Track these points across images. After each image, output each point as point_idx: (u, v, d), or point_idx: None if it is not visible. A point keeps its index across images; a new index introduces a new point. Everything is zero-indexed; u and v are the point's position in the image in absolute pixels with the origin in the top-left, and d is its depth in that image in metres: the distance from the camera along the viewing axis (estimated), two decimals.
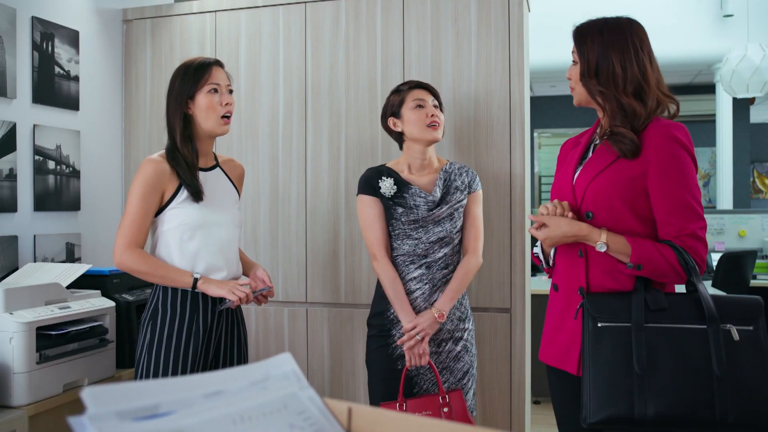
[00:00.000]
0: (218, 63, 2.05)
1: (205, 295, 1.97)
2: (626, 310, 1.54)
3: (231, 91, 2.06)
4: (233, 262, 2.07)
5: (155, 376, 1.91)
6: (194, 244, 1.96)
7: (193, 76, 1.99)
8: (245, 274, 2.15)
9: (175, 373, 1.91)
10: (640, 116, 1.61)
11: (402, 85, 2.25)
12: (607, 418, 1.48)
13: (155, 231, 2.00)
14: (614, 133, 1.61)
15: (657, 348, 1.49)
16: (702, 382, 1.45)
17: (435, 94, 2.23)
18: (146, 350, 1.94)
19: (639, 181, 1.59)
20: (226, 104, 2.02)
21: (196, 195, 1.96)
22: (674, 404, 1.45)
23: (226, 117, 2.03)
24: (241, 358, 2.11)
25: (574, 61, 1.72)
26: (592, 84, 1.65)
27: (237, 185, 2.17)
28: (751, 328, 1.49)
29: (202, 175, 2.02)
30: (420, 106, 2.17)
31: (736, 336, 1.48)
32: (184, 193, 1.96)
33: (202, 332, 1.96)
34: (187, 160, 1.97)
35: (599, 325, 1.54)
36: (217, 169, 2.11)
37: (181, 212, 1.95)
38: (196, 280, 1.91)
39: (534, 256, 1.85)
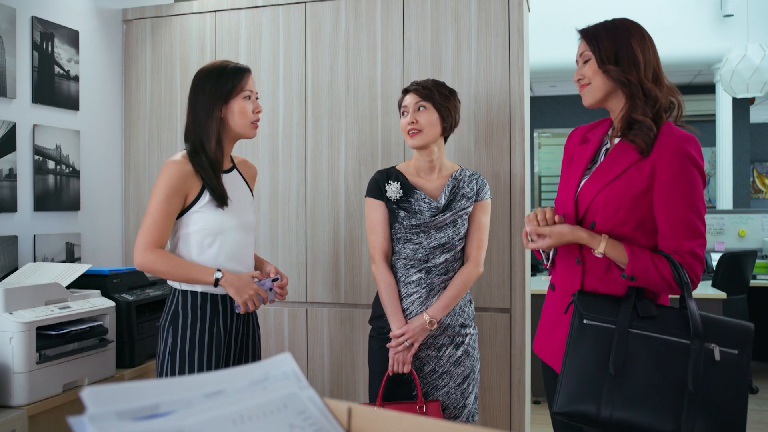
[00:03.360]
0: (250, 70, 2.06)
1: (224, 297, 1.98)
2: (614, 312, 1.55)
3: (257, 97, 2.08)
4: (251, 268, 2.07)
5: None
6: (213, 250, 1.96)
7: (231, 81, 1.98)
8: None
9: None
10: (660, 105, 1.60)
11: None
12: (572, 412, 1.50)
13: (176, 233, 1.99)
14: (633, 123, 1.60)
15: (636, 354, 1.49)
16: (673, 396, 1.45)
17: (423, 93, 2.12)
18: (169, 355, 1.94)
19: (647, 195, 1.59)
20: (258, 111, 2.04)
21: (221, 200, 1.95)
22: (641, 412, 1.45)
23: (255, 122, 2.05)
24: (256, 359, 2.11)
25: (585, 61, 1.68)
26: (614, 70, 1.62)
27: (251, 186, 2.18)
28: (735, 351, 1.47)
29: (222, 177, 2.01)
30: (404, 113, 2.16)
31: (717, 356, 1.46)
32: (206, 197, 1.95)
33: (223, 334, 1.97)
34: (212, 163, 1.96)
35: (584, 321, 1.55)
36: (234, 171, 2.11)
37: (203, 216, 1.95)
38: (217, 280, 1.90)
39: (536, 251, 1.85)
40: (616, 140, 1.69)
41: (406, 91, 2.19)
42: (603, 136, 1.75)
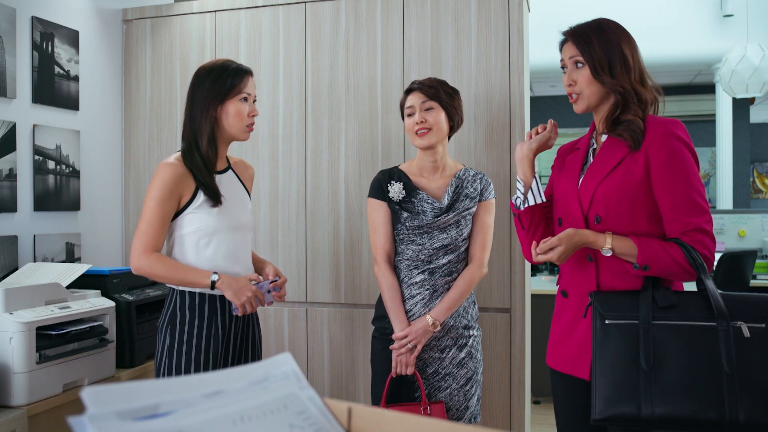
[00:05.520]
0: (251, 72, 2.05)
1: (222, 298, 1.97)
2: (634, 307, 1.53)
3: (255, 101, 2.06)
4: (248, 267, 2.07)
5: None
6: (210, 251, 1.95)
7: (229, 82, 1.97)
8: (257, 273, 2.14)
9: None
10: (648, 104, 1.63)
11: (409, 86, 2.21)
12: (613, 416, 1.46)
13: (171, 235, 1.98)
14: (622, 122, 1.61)
15: (665, 345, 1.47)
16: (711, 380, 1.43)
17: (429, 92, 2.11)
18: (167, 355, 1.94)
19: (644, 181, 1.59)
20: (253, 115, 2.03)
21: (215, 198, 1.94)
22: (682, 403, 1.43)
23: (249, 125, 2.04)
24: (256, 359, 2.10)
25: (577, 63, 1.67)
26: (608, 80, 1.62)
27: (247, 187, 2.16)
28: (763, 325, 1.46)
29: (216, 178, 2.00)
30: (410, 114, 2.13)
31: (746, 333, 1.45)
32: (200, 198, 1.94)
33: (222, 334, 1.96)
34: (206, 162, 1.96)
35: (607, 322, 1.53)
36: (230, 171, 2.10)
37: (197, 217, 1.94)
38: (213, 282, 1.89)
39: (512, 205, 1.81)
40: (603, 137, 1.70)
41: (409, 91, 2.17)
42: (589, 139, 1.77)
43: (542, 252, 1.62)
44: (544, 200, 1.78)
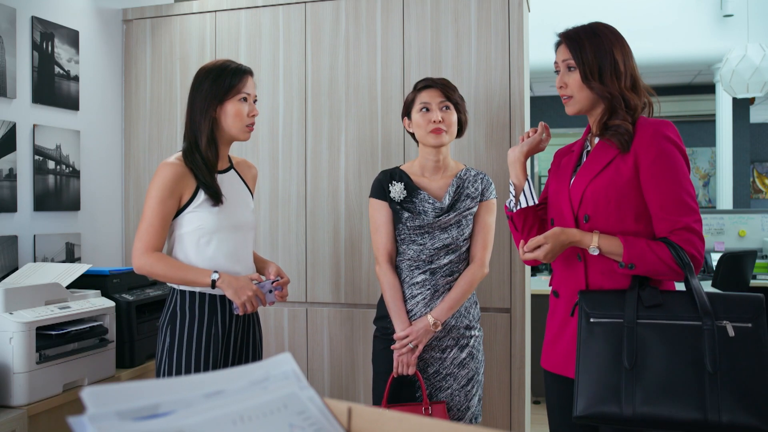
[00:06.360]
0: (251, 72, 2.05)
1: (222, 298, 1.97)
2: (620, 306, 1.53)
3: (255, 101, 2.06)
4: (249, 266, 2.07)
5: None
6: (211, 249, 1.95)
7: (228, 82, 1.97)
8: (259, 273, 2.15)
9: None
10: (638, 110, 1.64)
11: (418, 82, 2.19)
12: (594, 414, 1.47)
13: (172, 234, 1.99)
14: (610, 127, 1.63)
15: (649, 344, 1.47)
16: (693, 380, 1.42)
17: (447, 92, 2.13)
18: (167, 355, 1.94)
19: (634, 181, 1.59)
20: (253, 115, 2.03)
21: (215, 198, 1.94)
22: (663, 403, 1.42)
23: (249, 125, 2.03)
24: (256, 359, 2.10)
25: (569, 67, 1.68)
26: (598, 87, 1.63)
27: (250, 187, 2.16)
28: (749, 325, 1.44)
29: (218, 177, 2.00)
30: (425, 110, 2.12)
31: (731, 332, 1.44)
32: (201, 197, 1.95)
33: (222, 334, 1.97)
34: (206, 162, 1.96)
35: (591, 320, 1.53)
36: (232, 171, 2.10)
37: (198, 216, 1.94)
38: (214, 281, 1.89)
39: (506, 208, 1.83)
40: (596, 140, 1.71)
41: (424, 87, 2.15)
42: (584, 141, 1.78)
43: (529, 250, 1.62)
44: (536, 202, 1.79)
